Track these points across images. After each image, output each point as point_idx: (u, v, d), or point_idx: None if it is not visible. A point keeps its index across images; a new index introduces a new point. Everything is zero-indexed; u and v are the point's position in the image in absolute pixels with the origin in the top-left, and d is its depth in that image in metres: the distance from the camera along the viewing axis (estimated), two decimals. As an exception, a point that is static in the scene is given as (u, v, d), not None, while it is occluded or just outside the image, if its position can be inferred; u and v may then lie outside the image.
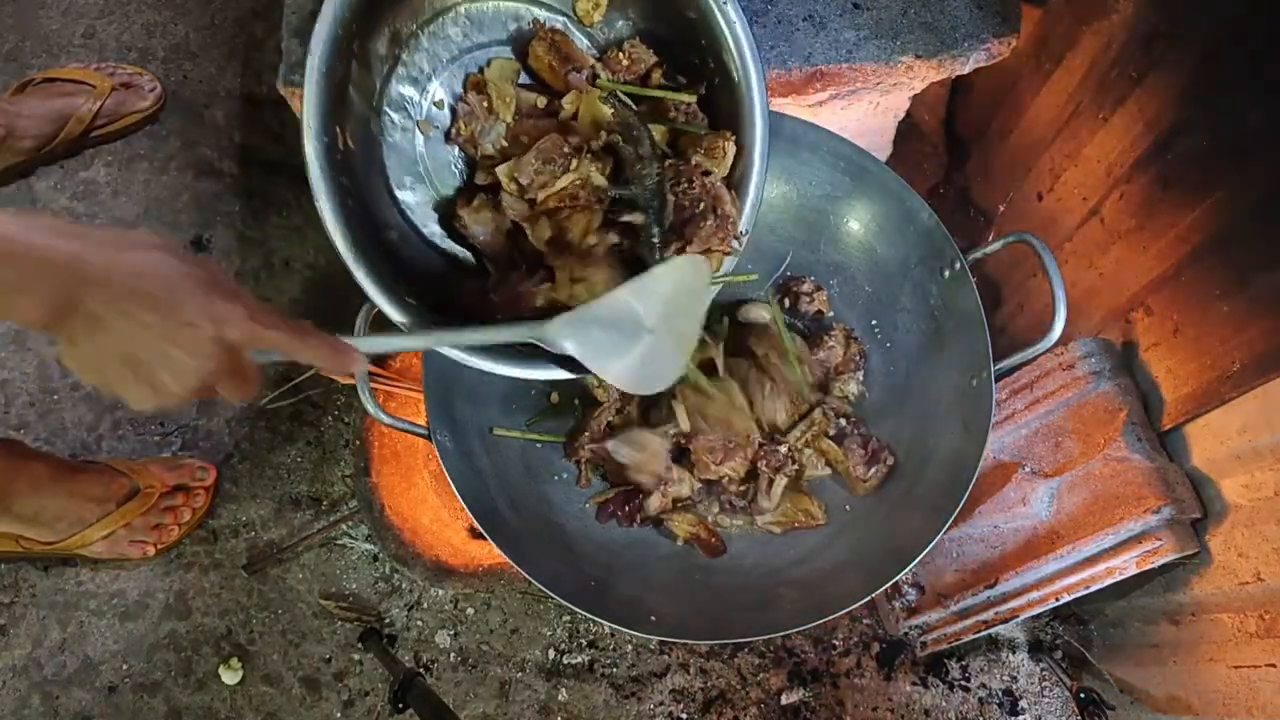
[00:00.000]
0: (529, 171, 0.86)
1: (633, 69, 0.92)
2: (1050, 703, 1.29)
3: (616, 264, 0.85)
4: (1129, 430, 1.04)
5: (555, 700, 1.27)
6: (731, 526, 1.08)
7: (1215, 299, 0.94)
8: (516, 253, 0.91)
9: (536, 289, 0.85)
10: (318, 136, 0.78)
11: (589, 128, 0.88)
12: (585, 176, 0.85)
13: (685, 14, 0.89)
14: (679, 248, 0.86)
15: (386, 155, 0.89)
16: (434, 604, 1.31)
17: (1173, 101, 0.97)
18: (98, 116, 1.53)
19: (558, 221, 0.86)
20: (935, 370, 1.09)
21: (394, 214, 0.90)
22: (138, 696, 1.25)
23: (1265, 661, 0.94)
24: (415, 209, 0.91)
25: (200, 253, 1.52)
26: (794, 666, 1.29)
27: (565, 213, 0.86)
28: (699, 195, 0.86)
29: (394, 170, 0.90)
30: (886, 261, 1.13)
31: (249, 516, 1.35)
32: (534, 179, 0.86)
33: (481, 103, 0.90)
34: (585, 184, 0.85)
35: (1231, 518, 0.98)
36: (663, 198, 0.84)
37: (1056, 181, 1.21)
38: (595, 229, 0.86)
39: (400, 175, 0.90)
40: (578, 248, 0.85)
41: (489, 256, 0.92)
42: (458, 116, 0.91)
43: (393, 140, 0.89)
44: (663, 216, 0.84)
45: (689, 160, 0.89)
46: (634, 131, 0.85)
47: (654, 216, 0.84)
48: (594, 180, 0.85)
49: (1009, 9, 1.14)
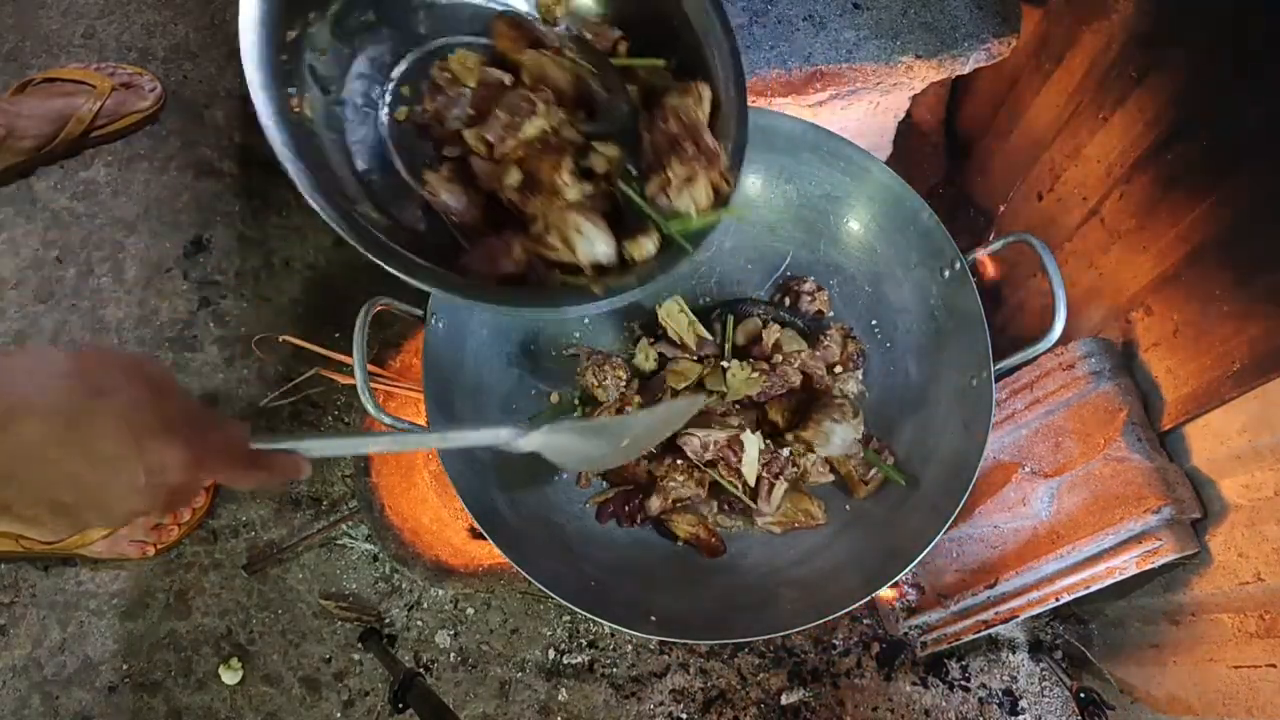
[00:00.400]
0: (496, 127, 0.83)
1: (599, 42, 0.91)
2: (1050, 703, 1.29)
3: (595, 212, 0.83)
4: (1129, 430, 1.04)
5: (555, 700, 1.27)
6: (732, 527, 1.08)
7: (1215, 299, 0.94)
8: (491, 226, 0.88)
9: (512, 239, 0.83)
10: (279, 126, 0.76)
11: (555, 81, 0.86)
12: (554, 124, 0.83)
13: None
14: (662, 181, 0.83)
15: (352, 142, 0.86)
16: (434, 604, 1.31)
17: (1173, 101, 0.97)
18: (98, 116, 1.53)
19: (527, 166, 0.84)
20: (935, 370, 1.09)
21: (362, 192, 0.87)
22: (138, 696, 1.25)
23: (1265, 661, 0.94)
24: (382, 192, 0.88)
25: (200, 253, 1.52)
26: (794, 666, 1.29)
27: (535, 159, 0.83)
28: (677, 131, 0.84)
29: (361, 154, 0.87)
30: (886, 261, 1.13)
31: (249, 516, 1.35)
32: (502, 134, 0.83)
33: (445, 76, 0.88)
34: (555, 133, 0.83)
35: (1231, 518, 0.98)
36: (636, 131, 0.82)
37: (1056, 181, 1.21)
38: (568, 170, 0.83)
39: (370, 161, 0.88)
40: (548, 186, 0.83)
41: (463, 228, 0.89)
42: (423, 94, 0.89)
43: (358, 129, 0.87)
44: (639, 150, 0.82)
45: (664, 106, 0.87)
46: (601, 68, 0.84)
47: (628, 151, 0.82)
48: (565, 132, 0.83)
49: (1009, 9, 1.14)
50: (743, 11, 1.13)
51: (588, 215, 0.81)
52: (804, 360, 1.09)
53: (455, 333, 1.05)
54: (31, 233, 1.52)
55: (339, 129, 0.85)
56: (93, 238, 1.52)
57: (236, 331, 1.46)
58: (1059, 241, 1.21)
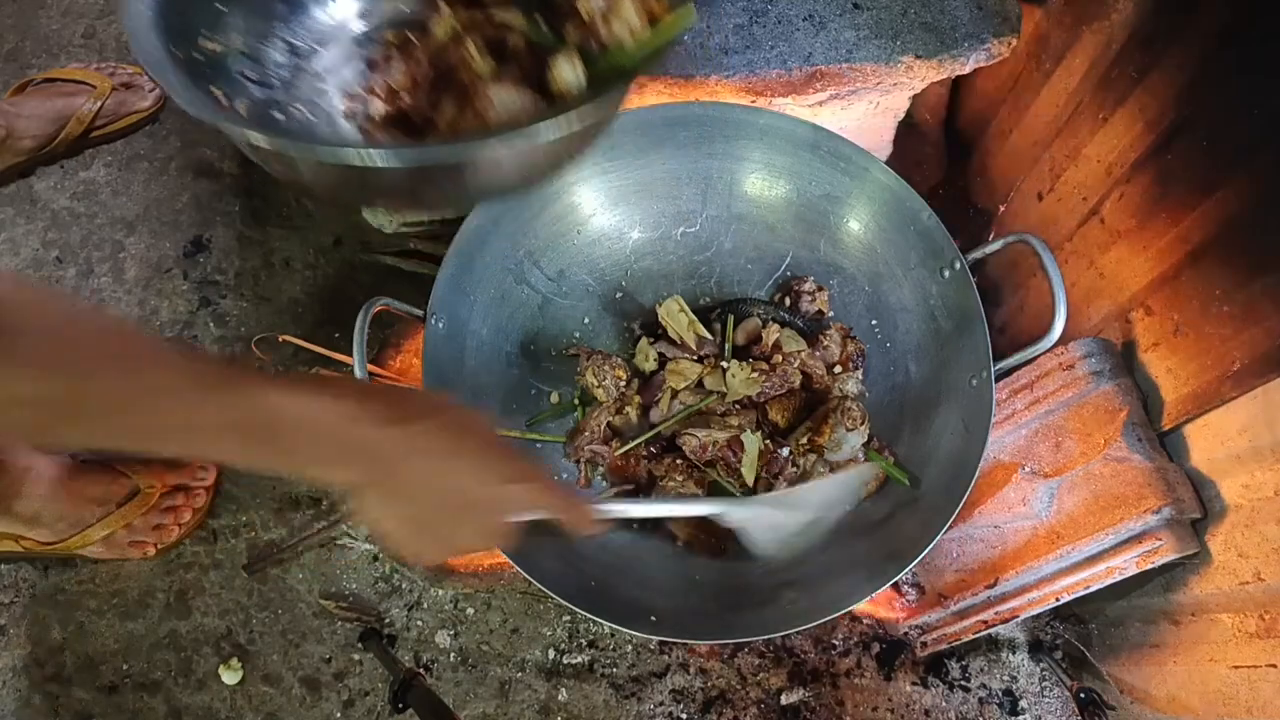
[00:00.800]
0: (404, 67, 0.83)
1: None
2: (1050, 703, 1.29)
3: (517, 83, 0.79)
4: (1129, 430, 1.04)
5: (555, 700, 1.27)
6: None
7: (1215, 299, 0.94)
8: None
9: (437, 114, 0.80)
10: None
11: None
12: (454, 25, 0.82)
13: None
14: (578, 24, 0.78)
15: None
16: (434, 604, 1.31)
17: (1173, 101, 0.97)
18: (98, 116, 1.53)
19: (444, 73, 0.82)
20: (935, 370, 1.09)
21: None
22: (138, 696, 1.25)
23: (1265, 661, 0.94)
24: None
25: (200, 253, 1.52)
26: (794, 666, 1.29)
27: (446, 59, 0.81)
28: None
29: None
30: (886, 261, 1.13)
31: (249, 516, 1.36)
32: (412, 56, 0.82)
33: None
34: (462, 28, 0.82)
35: (1231, 518, 0.98)
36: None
37: (1056, 181, 1.21)
38: (473, 47, 0.80)
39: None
40: (462, 76, 0.80)
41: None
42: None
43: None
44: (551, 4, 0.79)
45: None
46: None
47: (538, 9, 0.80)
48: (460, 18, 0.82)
49: (1009, 9, 1.14)
50: (743, 11, 1.13)
51: (499, 85, 0.78)
52: (804, 360, 1.09)
53: (455, 333, 1.05)
54: (31, 233, 1.52)
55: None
56: (93, 238, 1.52)
57: (236, 331, 1.47)
58: (1059, 241, 1.21)
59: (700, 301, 1.20)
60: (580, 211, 1.17)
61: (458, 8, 0.83)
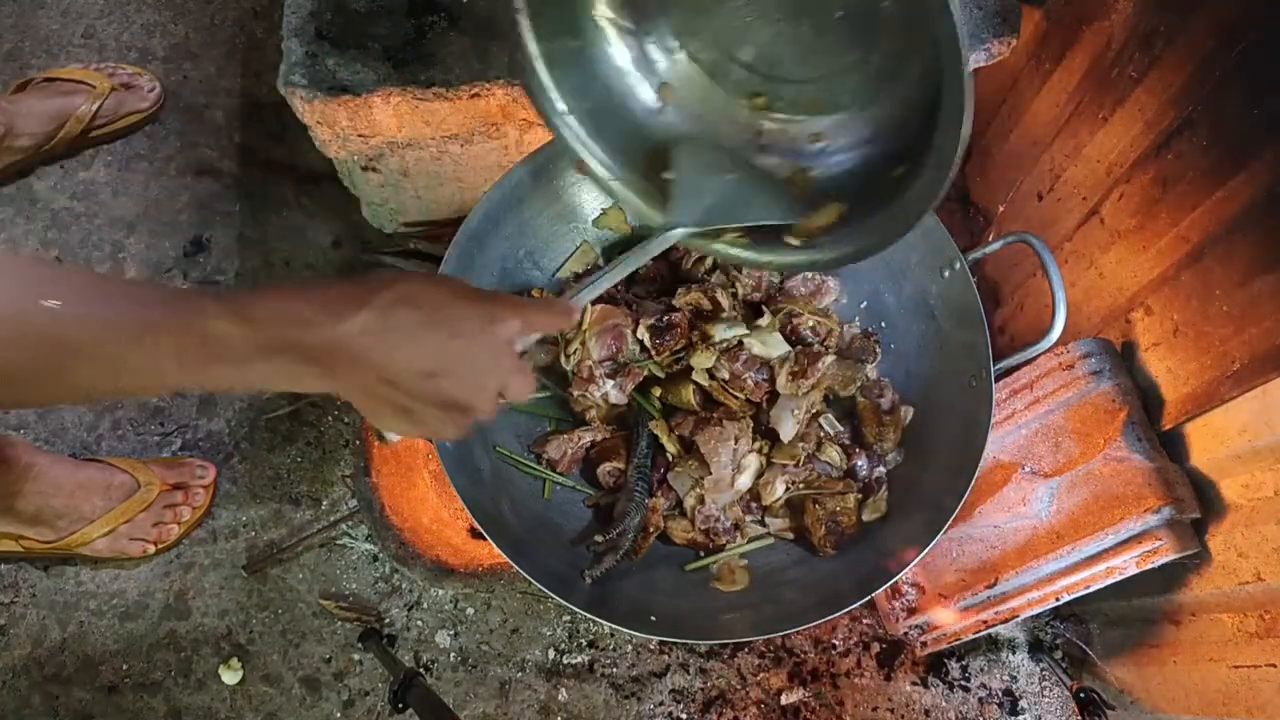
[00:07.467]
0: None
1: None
2: (1050, 703, 1.29)
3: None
4: (1129, 430, 1.04)
5: (555, 700, 1.27)
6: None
7: (1215, 299, 0.94)
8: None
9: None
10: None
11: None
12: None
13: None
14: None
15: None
16: (434, 604, 1.31)
17: (1173, 101, 0.97)
18: (97, 116, 1.53)
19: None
20: (935, 370, 1.09)
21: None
22: (138, 696, 1.25)
23: (1265, 661, 0.94)
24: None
25: (200, 253, 1.52)
26: (794, 666, 1.29)
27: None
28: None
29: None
30: (887, 261, 1.13)
31: (249, 516, 1.35)
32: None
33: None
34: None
35: (1231, 518, 0.98)
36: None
37: (1056, 181, 1.21)
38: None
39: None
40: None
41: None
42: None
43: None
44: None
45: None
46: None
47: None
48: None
49: (1009, 9, 1.14)
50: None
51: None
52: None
53: (455, 333, 1.05)
54: (31, 233, 1.52)
55: None
56: (92, 238, 1.52)
57: (236, 331, 1.46)
58: (1059, 241, 1.21)
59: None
60: (580, 212, 1.17)
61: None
